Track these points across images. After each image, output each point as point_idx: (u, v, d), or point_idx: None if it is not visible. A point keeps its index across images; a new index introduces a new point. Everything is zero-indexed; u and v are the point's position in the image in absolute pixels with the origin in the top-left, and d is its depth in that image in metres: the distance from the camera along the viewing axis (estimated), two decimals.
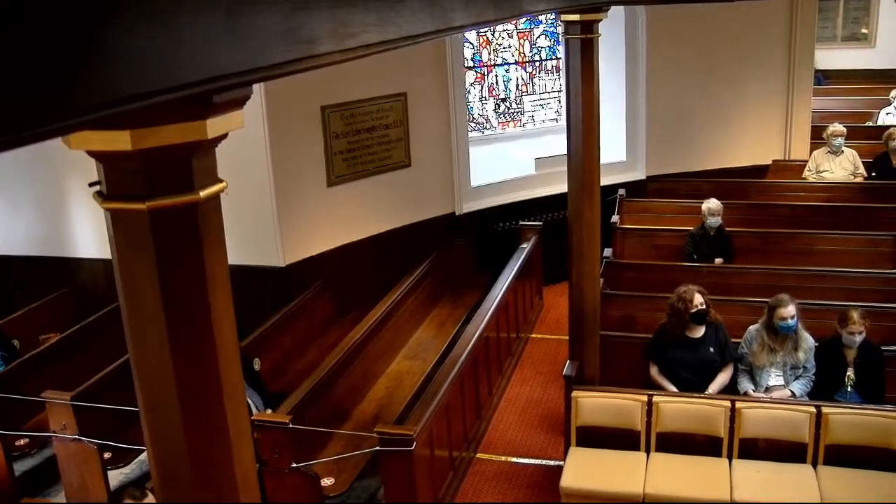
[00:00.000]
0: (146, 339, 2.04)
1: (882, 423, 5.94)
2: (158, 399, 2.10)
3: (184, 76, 1.58)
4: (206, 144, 1.91)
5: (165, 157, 1.86)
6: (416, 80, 9.28)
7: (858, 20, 18.57)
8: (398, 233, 9.28)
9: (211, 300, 2.04)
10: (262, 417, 6.05)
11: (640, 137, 11.24)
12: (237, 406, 2.19)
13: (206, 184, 1.97)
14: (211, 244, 2.02)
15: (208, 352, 2.06)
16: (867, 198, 10.54)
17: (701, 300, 6.50)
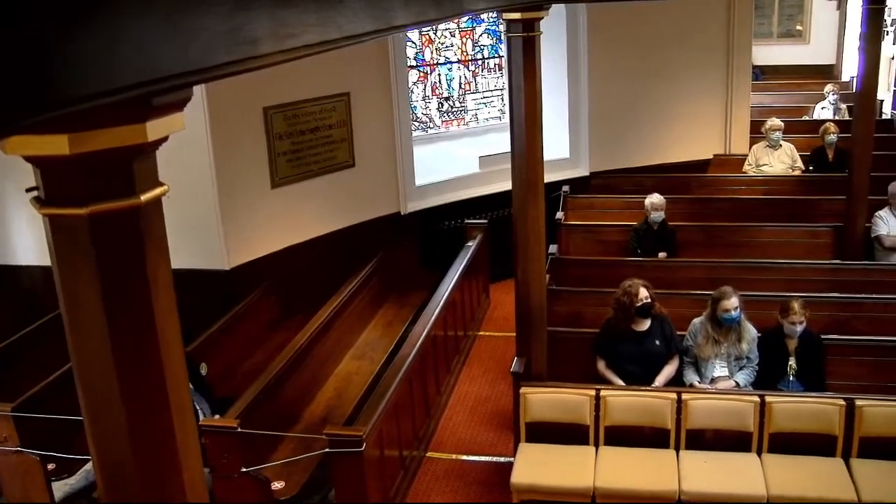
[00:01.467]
0: (89, 346, 2.01)
1: (822, 410, 6.07)
2: (103, 407, 2.06)
3: (122, 78, 1.56)
4: (146, 148, 1.88)
5: (105, 161, 1.83)
6: (359, 79, 9.25)
7: (793, 17, 18.94)
8: (343, 233, 9.24)
9: (154, 305, 2.01)
10: (210, 423, 5.99)
11: (582, 134, 11.33)
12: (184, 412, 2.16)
13: (147, 187, 1.94)
14: (153, 249, 1.99)
15: (153, 358, 2.03)
16: (805, 190, 10.77)
17: (646, 294, 6.56)
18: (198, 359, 6.93)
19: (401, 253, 9.71)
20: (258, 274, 8.41)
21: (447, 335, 8.25)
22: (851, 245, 8.94)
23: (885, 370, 6.87)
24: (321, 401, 7.40)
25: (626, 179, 11.18)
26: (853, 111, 9.69)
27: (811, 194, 10.53)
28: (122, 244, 1.93)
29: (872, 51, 8.61)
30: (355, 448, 5.61)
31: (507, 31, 6.03)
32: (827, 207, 9.90)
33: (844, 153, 10.28)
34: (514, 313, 6.89)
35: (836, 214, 9.44)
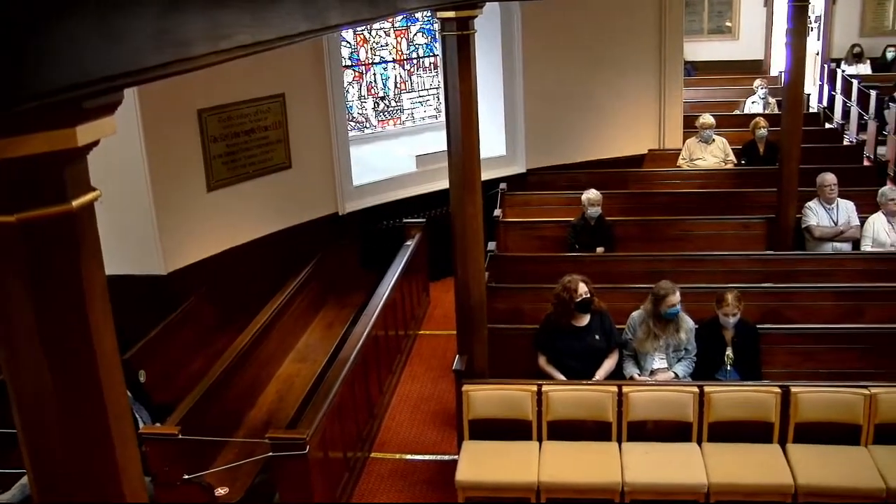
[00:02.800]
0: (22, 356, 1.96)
1: (759, 398, 6.20)
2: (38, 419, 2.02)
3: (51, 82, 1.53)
4: (77, 152, 1.84)
5: (34, 166, 1.78)
6: (294, 80, 9.18)
7: (722, 14, 19.27)
8: (282, 235, 9.17)
9: (89, 312, 1.97)
10: (150, 430, 5.90)
11: (518, 132, 11.39)
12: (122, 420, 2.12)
13: (79, 193, 1.90)
14: (87, 255, 1.95)
15: (89, 366, 2.00)
16: (738, 184, 10.96)
17: (585, 289, 6.62)
18: (136, 366, 6.81)
19: (340, 254, 9.66)
20: (196, 278, 8.31)
21: (388, 335, 8.24)
22: (783, 236, 9.12)
23: (817, 357, 7.04)
24: (263, 405, 7.34)
25: (563, 176, 11.27)
26: (782, 105, 9.88)
27: (743, 187, 10.73)
28: (54, 251, 1.89)
29: (798, 46, 8.78)
30: (299, 451, 5.57)
31: (441, 29, 6.04)
32: (759, 199, 10.09)
33: (775, 146, 10.48)
34: (455, 311, 6.90)
35: (767, 206, 9.62)
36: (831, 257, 8.71)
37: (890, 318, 7.57)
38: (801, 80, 9.08)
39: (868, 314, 7.69)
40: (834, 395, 6.17)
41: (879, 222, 8.77)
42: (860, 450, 6.12)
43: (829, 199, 9.02)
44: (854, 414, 6.14)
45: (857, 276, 8.30)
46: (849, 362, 6.99)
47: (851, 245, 8.98)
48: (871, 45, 18.27)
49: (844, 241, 8.96)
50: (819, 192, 9.07)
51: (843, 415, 6.17)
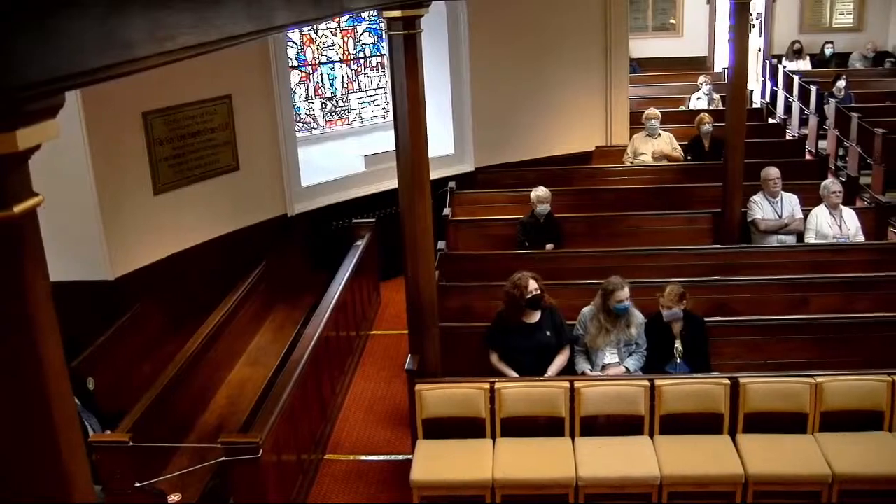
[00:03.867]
0: None
1: (709, 390, 6.28)
2: None
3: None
4: (17, 157, 1.81)
5: None
6: (241, 81, 9.11)
7: (666, 11, 19.50)
8: (230, 238, 9.08)
9: (34, 320, 1.94)
10: (100, 438, 5.82)
11: (466, 130, 11.42)
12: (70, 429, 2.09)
13: (21, 198, 1.86)
14: (30, 262, 1.92)
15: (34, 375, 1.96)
16: (684, 178, 11.11)
17: (535, 286, 6.66)
18: (84, 373, 6.71)
19: (290, 255, 9.61)
20: (145, 283, 8.19)
21: (340, 336, 8.21)
22: (729, 229, 9.25)
23: (764, 348, 7.16)
24: (215, 409, 7.28)
25: (512, 173, 11.32)
26: (726, 101, 10.01)
27: (689, 182, 10.87)
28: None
29: (741, 43, 8.91)
30: (252, 455, 5.53)
31: (387, 29, 6.02)
32: (705, 194, 10.24)
33: (719, 141, 10.62)
34: (406, 311, 6.90)
35: (713, 201, 9.76)
36: (776, 250, 8.85)
37: (834, 308, 7.74)
38: (744, 77, 9.22)
39: (813, 304, 7.84)
40: (781, 385, 6.28)
41: (822, 214, 8.94)
42: (807, 438, 6.23)
43: (773, 192, 9.16)
44: (801, 403, 6.25)
45: (802, 268, 8.45)
46: (795, 352, 7.12)
47: (796, 237, 9.13)
48: (811, 42, 18.62)
49: (789, 234, 9.11)
50: (763, 185, 9.21)
51: (790, 404, 6.28)
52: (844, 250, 8.69)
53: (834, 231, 8.87)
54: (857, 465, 5.95)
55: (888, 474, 5.94)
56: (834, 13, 19.03)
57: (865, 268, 8.42)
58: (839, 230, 8.88)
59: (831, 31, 18.92)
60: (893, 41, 18.49)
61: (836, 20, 19.07)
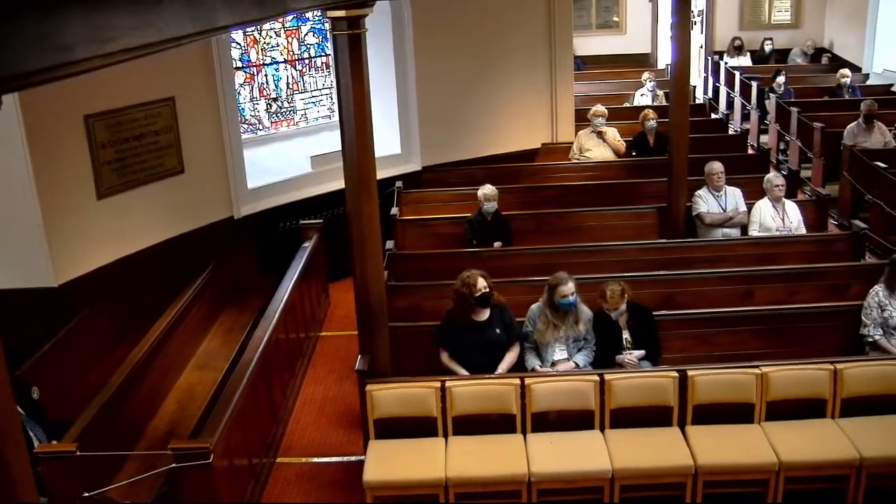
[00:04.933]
0: None
1: (657, 383, 6.35)
2: None
3: None
4: None
5: None
6: (184, 83, 9.01)
7: (610, 9, 19.68)
8: (177, 241, 8.98)
9: None
10: (46, 449, 5.72)
11: (413, 129, 11.42)
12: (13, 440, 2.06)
13: None
14: None
15: None
16: (630, 174, 11.23)
17: (484, 284, 6.68)
18: (29, 383, 6.59)
19: (237, 258, 9.54)
20: (90, 289, 8.07)
21: (289, 338, 8.17)
22: (674, 224, 9.37)
23: (711, 340, 7.28)
24: (164, 415, 7.20)
25: (458, 172, 11.35)
26: (670, 97, 10.13)
27: (635, 178, 10.99)
28: None
29: (683, 40, 9.02)
30: (203, 460, 5.48)
31: (332, 29, 6.00)
32: (650, 189, 10.36)
33: (664, 137, 10.75)
34: (355, 311, 6.88)
35: (658, 196, 9.88)
36: (721, 243, 8.97)
37: (777, 300, 7.88)
38: (687, 73, 9.34)
39: (757, 296, 7.97)
40: (728, 377, 6.37)
41: (766, 208, 9.09)
42: (754, 427, 6.34)
43: (717, 186, 9.29)
44: (747, 393, 6.35)
45: (746, 261, 8.59)
46: (741, 344, 7.25)
47: (740, 230, 9.27)
48: (751, 38, 18.94)
49: (733, 227, 9.25)
50: (707, 180, 9.34)
51: (737, 395, 6.37)
52: (787, 242, 8.85)
53: (777, 224, 9.02)
54: (802, 452, 6.07)
55: (832, 460, 6.07)
56: (772, 10, 19.37)
57: (807, 259, 8.59)
58: (782, 223, 9.03)
59: (770, 28, 19.25)
60: (829, 38, 18.86)
61: (774, 17, 19.42)
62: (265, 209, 10.07)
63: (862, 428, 6.25)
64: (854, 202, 11.60)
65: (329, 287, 10.33)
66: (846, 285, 8.06)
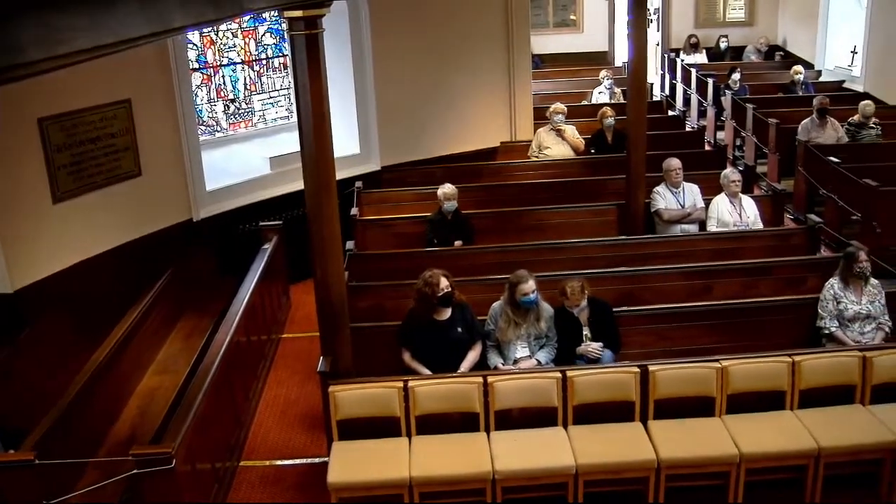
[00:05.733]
0: None
1: (619, 378, 6.39)
2: None
3: None
4: None
5: None
6: (140, 85, 8.92)
7: (566, 7, 19.77)
8: (135, 245, 8.89)
9: None
10: (3, 458, 5.63)
11: (372, 129, 11.40)
12: None
13: None
14: None
15: None
16: (588, 172, 11.31)
17: (447, 283, 6.69)
18: None
19: (196, 261, 9.46)
20: (47, 294, 7.96)
21: (250, 341, 8.12)
22: (634, 221, 9.44)
23: (671, 335, 7.35)
24: (125, 421, 7.13)
25: (418, 171, 11.36)
26: (627, 95, 10.21)
27: (594, 175, 11.07)
28: None
29: (639, 38, 9.09)
30: (165, 465, 5.42)
31: (289, 29, 5.97)
32: (609, 187, 10.44)
33: (622, 134, 10.84)
34: (316, 312, 6.86)
35: (617, 193, 9.95)
36: (680, 239, 9.07)
37: (735, 294, 7.98)
38: (644, 70, 9.41)
39: (716, 291, 8.06)
40: (689, 371, 6.43)
41: (723, 203, 9.19)
42: (715, 420, 6.40)
43: (675, 183, 9.38)
44: (708, 387, 6.42)
45: (705, 256, 8.68)
46: (701, 338, 7.33)
47: (698, 226, 9.37)
48: (706, 36, 19.17)
49: (691, 223, 9.35)
50: (665, 176, 9.43)
51: (697, 388, 6.43)
52: (744, 237, 8.97)
53: (734, 219, 9.13)
54: (762, 444, 6.14)
55: (791, 451, 6.16)
56: (727, 9, 19.61)
57: (764, 253, 8.70)
58: (739, 218, 9.14)
59: (725, 25, 19.48)
60: (782, 35, 19.13)
61: (729, 15, 19.66)
62: (224, 211, 10.00)
63: (819, 419, 6.36)
64: (809, 197, 11.78)
65: (290, 289, 10.29)
66: (802, 279, 8.18)
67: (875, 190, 9.86)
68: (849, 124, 12.51)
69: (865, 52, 15.29)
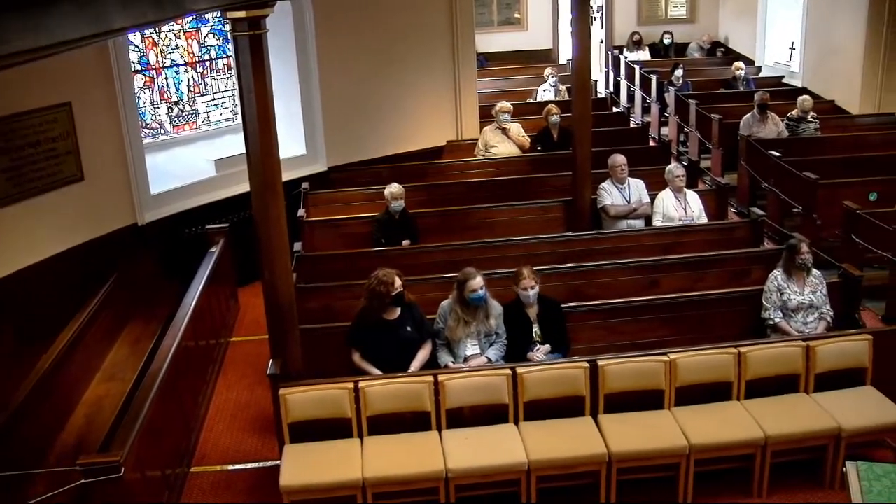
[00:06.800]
0: None
1: (569, 374, 6.44)
2: None
3: None
4: None
5: None
6: (81, 87, 8.77)
7: (510, 6, 19.86)
8: (79, 250, 8.75)
9: None
10: None
11: (317, 130, 11.35)
12: None
13: None
14: None
15: None
16: (535, 169, 11.37)
17: (400, 282, 6.68)
18: None
19: (142, 265, 9.34)
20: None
21: (199, 345, 8.04)
22: (580, 217, 9.51)
23: (619, 329, 7.42)
24: (72, 430, 7.00)
25: (365, 171, 11.34)
26: (572, 92, 10.28)
27: (540, 172, 11.14)
28: None
29: (583, 35, 9.17)
30: (113, 474, 5.34)
31: (232, 30, 5.93)
32: (555, 184, 10.51)
33: (568, 131, 10.91)
34: (265, 315, 6.82)
35: (564, 189, 10.02)
36: (626, 234, 9.15)
37: (682, 287, 8.08)
38: (588, 68, 9.48)
39: (663, 285, 8.16)
40: (637, 365, 6.50)
41: (668, 198, 9.29)
42: (664, 413, 6.48)
43: (620, 178, 9.47)
44: (657, 380, 6.49)
45: (651, 251, 8.79)
46: (649, 332, 7.41)
47: (644, 221, 9.46)
48: (649, 33, 19.41)
49: (637, 218, 9.44)
50: (611, 172, 9.51)
51: (646, 382, 6.51)
52: (690, 231, 9.08)
53: (679, 213, 9.24)
54: (710, 434, 6.23)
55: (739, 440, 6.26)
56: (669, 6, 19.87)
57: (709, 247, 8.83)
58: (684, 212, 9.25)
59: (667, 23, 19.74)
60: (723, 32, 19.42)
61: (671, 13, 19.94)
62: (170, 215, 9.89)
63: (766, 408, 6.48)
64: (752, 190, 11.98)
65: (238, 292, 10.21)
66: (747, 271, 8.31)
67: (815, 183, 10.06)
68: (788, 119, 12.74)
69: (803, 49, 15.59)
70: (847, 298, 7.57)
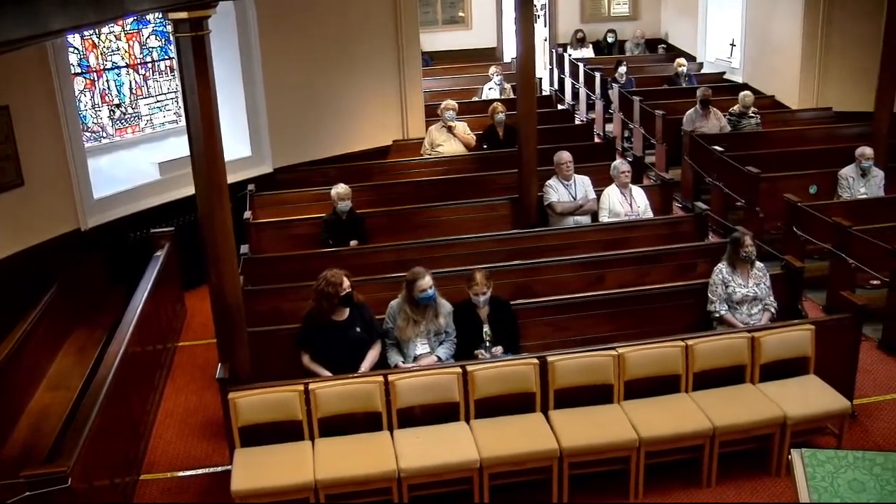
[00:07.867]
0: None
1: (519, 371, 6.47)
2: None
3: None
4: None
5: None
6: (19, 90, 8.59)
7: (455, 4, 19.90)
8: (19, 258, 8.57)
9: None
10: None
11: (262, 131, 11.27)
12: None
13: None
14: None
15: None
16: (481, 167, 11.41)
17: (348, 283, 6.66)
18: None
19: (86, 272, 9.19)
20: None
21: (145, 350, 7.94)
22: (527, 214, 9.57)
23: (567, 325, 7.48)
24: (16, 441, 6.86)
25: (312, 172, 11.30)
26: (517, 90, 10.33)
27: (486, 170, 11.18)
28: None
29: (527, 33, 9.22)
30: (60, 485, 5.25)
31: (174, 31, 5.86)
32: (502, 181, 10.57)
33: (513, 129, 10.95)
34: (213, 319, 6.75)
35: (510, 187, 10.07)
36: (573, 230, 9.22)
37: (628, 282, 8.17)
38: (532, 66, 9.54)
39: (610, 280, 8.24)
40: (586, 360, 6.55)
41: (614, 194, 9.38)
42: (614, 407, 6.55)
43: (566, 175, 9.53)
44: (606, 375, 6.55)
45: (598, 246, 8.87)
46: (597, 327, 7.48)
47: (590, 217, 9.53)
48: (592, 31, 19.59)
49: (584, 215, 9.51)
50: (557, 169, 9.57)
51: (596, 377, 6.56)
52: (636, 227, 9.19)
53: (625, 209, 9.33)
54: (660, 427, 6.31)
55: (688, 432, 6.35)
56: (612, 4, 20.07)
57: (655, 241, 8.94)
58: (630, 208, 9.34)
59: (610, 20, 19.95)
60: (665, 29, 19.67)
61: (614, 10, 20.15)
62: (114, 219, 9.74)
63: (713, 399, 6.57)
64: (696, 185, 12.14)
65: (185, 296, 10.10)
66: (692, 264, 8.42)
67: (757, 177, 10.23)
68: (730, 114, 12.93)
69: (743, 45, 15.84)
70: (790, 289, 7.70)
